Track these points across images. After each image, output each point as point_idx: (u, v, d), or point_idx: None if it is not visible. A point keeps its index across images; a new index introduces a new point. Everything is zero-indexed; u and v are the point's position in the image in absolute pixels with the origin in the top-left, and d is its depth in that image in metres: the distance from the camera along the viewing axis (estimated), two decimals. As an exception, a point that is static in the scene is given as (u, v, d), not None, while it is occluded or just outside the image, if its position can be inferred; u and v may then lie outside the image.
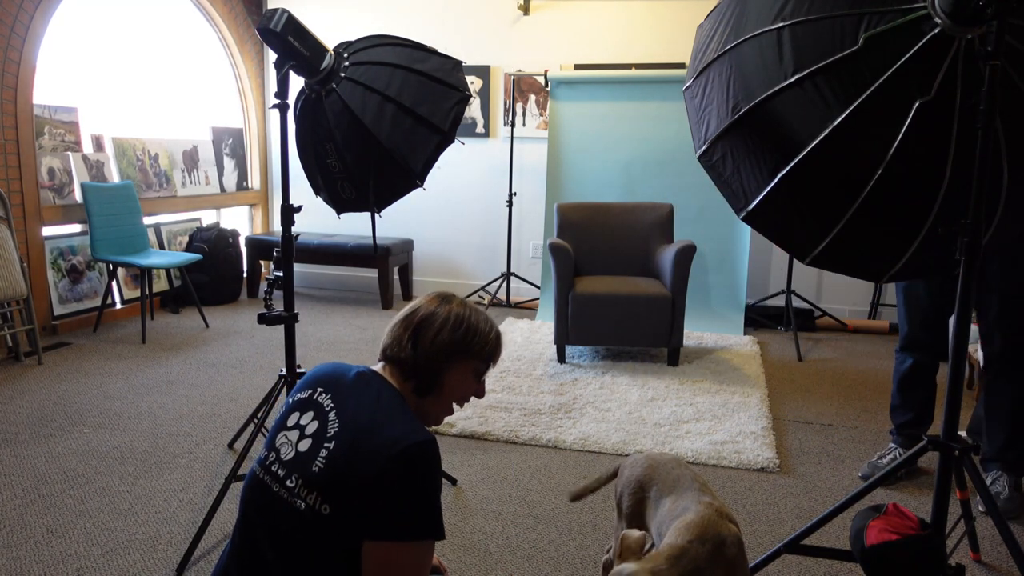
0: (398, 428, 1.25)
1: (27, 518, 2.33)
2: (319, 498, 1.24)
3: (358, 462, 1.23)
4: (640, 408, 3.37)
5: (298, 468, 1.28)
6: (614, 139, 5.14)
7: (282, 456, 1.31)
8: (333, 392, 1.35)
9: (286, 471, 1.29)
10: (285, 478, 1.29)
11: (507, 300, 5.57)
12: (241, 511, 1.35)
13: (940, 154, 1.58)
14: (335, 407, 1.32)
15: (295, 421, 1.35)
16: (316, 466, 1.26)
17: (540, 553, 2.19)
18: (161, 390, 3.54)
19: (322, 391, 1.37)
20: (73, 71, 4.75)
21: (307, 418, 1.34)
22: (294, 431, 1.34)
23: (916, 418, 2.75)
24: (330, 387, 1.37)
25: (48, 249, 4.45)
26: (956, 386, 1.72)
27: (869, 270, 1.79)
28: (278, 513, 1.28)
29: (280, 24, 2.10)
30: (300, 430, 1.33)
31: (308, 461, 1.27)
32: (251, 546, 1.31)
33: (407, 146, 2.40)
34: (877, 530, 1.71)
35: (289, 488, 1.27)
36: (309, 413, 1.34)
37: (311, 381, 1.41)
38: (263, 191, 6.32)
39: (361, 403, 1.32)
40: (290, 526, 1.26)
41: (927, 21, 1.53)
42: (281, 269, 2.35)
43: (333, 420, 1.30)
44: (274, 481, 1.30)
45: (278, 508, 1.28)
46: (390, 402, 1.32)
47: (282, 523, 1.27)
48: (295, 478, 1.27)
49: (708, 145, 1.83)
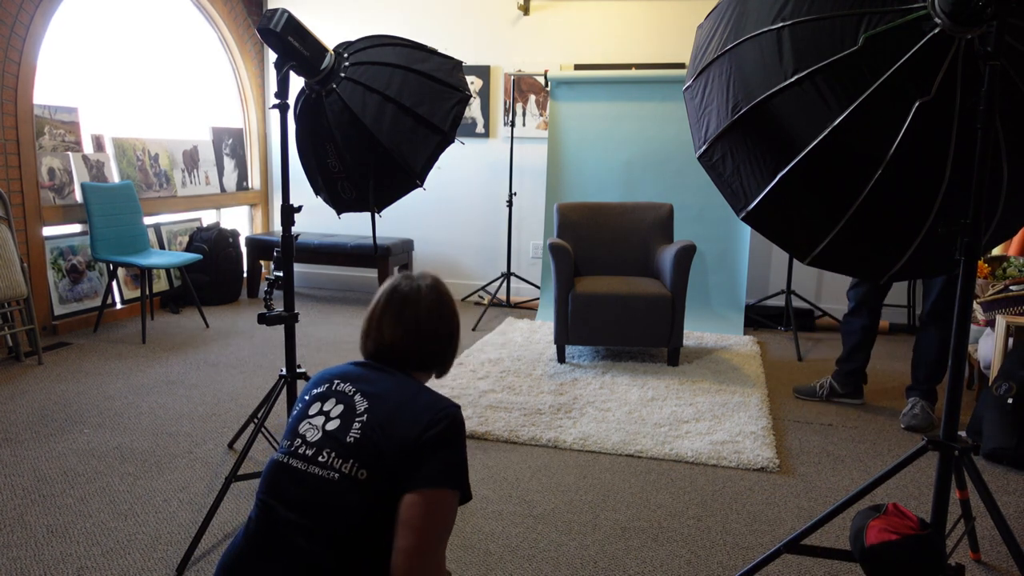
0: (432, 396, 1.37)
1: (27, 518, 2.33)
2: (355, 465, 1.30)
3: (398, 425, 1.32)
4: (640, 408, 3.37)
5: (330, 443, 1.34)
6: (614, 139, 5.14)
7: (309, 439, 1.37)
8: (352, 381, 1.42)
9: (316, 449, 1.35)
10: (316, 455, 1.33)
11: (507, 300, 5.57)
12: (261, 501, 1.36)
13: (940, 154, 1.59)
14: (358, 390, 1.39)
15: (317, 410, 1.41)
16: (351, 437, 1.33)
17: (540, 553, 2.19)
18: (161, 390, 3.54)
19: (339, 382, 1.43)
20: (73, 71, 4.75)
21: (330, 404, 1.39)
22: (318, 417, 1.40)
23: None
24: (346, 378, 1.43)
25: (48, 249, 4.45)
26: (956, 386, 1.72)
27: (869, 270, 1.79)
28: (311, 489, 1.31)
29: (280, 24, 2.10)
30: (325, 415, 1.38)
31: (341, 435, 1.34)
32: (274, 533, 1.32)
33: (407, 146, 2.40)
34: (877, 530, 1.71)
35: (322, 463, 1.32)
36: (331, 400, 1.40)
37: (324, 378, 1.46)
38: (263, 191, 6.32)
39: (384, 383, 1.40)
40: (324, 499, 1.30)
41: (927, 21, 1.53)
42: (281, 269, 2.35)
43: (360, 399, 1.37)
44: (303, 462, 1.34)
45: (310, 484, 1.32)
46: (409, 380, 1.42)
47: (315, 498, 1.31)
48: (327, 452, 1.33)
49: (708, 145, 1.83)
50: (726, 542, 2.28)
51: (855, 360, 3.49)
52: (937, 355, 3.24)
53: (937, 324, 3.21)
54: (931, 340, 3.24)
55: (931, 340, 3.24)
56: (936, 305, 3.19)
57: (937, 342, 3.22)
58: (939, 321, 3.19)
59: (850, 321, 3.47)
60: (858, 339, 3.45)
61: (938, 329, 3.21)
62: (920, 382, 3.31)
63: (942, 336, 3.21)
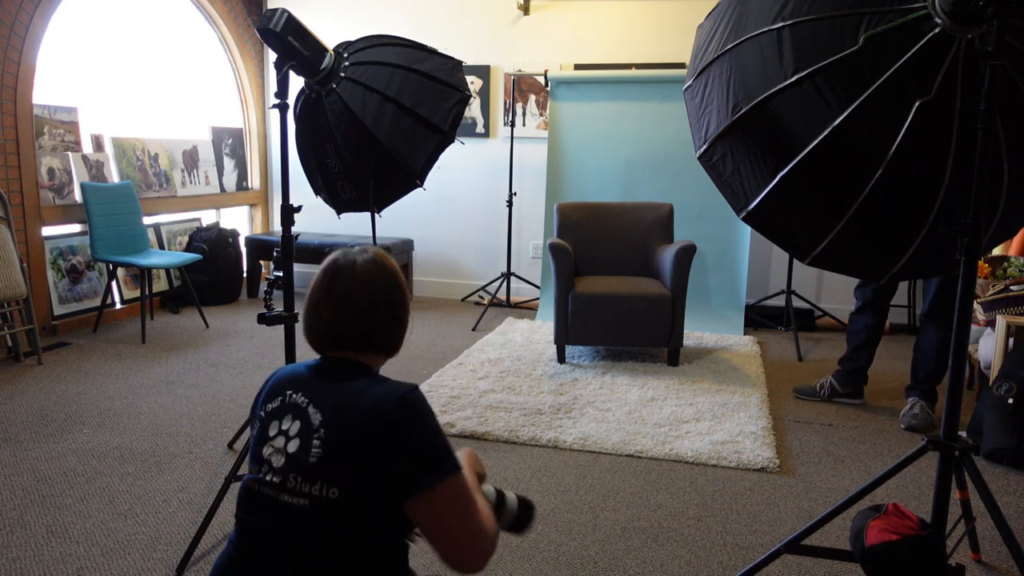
0: (383, 387, 1.28)
1: (27, 518, 2.33)
2: (324, 485, 1.23)
3: (354, 434, 1.24)
4: (640, 408, 3.37)
5: (295, 467, 1.27)
6: (614, 139, 5.14)
7: (275, 465, 1.29)
8: (303, 389, 1.34)
9: (282, 476, 1.27)
10: (283, 483, 1.27)
11: (507, 300, 5.57)
12: (240, 520, 1.32)
13: (940, 154, 1.58)
14: (310, 400, 1.31)
15: (276, 430, 1.33)
16: (313, 457, 1.25)
17: (540, 553, 2.19)
18: (161, 390, 3.54)
19: (291, 392, 1.35)
20: (73, 71, 4.74)
21: (287, 422, 1.32)
22: (279, 438, 1.31)
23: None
24: (298, 386, 1.35)
25: (48, 249, 4.45)
26: (956, 386, 1.72)
27: (869, 270, 1.79)
28: (285, 516, 1.26)
29: (280, 24, 2.10)
30: (284, 435, 1.31)
31: (303, 456, 1.27)
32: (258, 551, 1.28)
33: (407, 146, 2.40)
34: (877, 530, 1.71)
35: (290, 489, 1.26)
36: (287, 417, 1.32)
37: (275, 389, 1.38)
38: (263, 191, 6.32)
39: (335, 384, 1.32)
40: (298, 526, 1.25)
41: (927, 21, 1.53)
42: (281, 269, 2.35)
43: (314, 412, 1.29)
44: (272, 490, 1.28)
45: (283, 512, 1.26)
46: (359, 371, 1.34)
47: (290, 525, 1.26)
48: (293, 477, 1.27)
49: (708, 145, 1.83)
50: (726, 542, 2.28)
51: (858, 359, 3.49)
52: (937, 355, 3.24)
53: (936, 324, 3.20)
54: (931, 340, 3.24)
55: (931, 340, 3.24)
56: (933, 305, 3.19)
57: (937, 342, 3.22)
58: (937, 321, 3.19)
59: (856, 319, 3.47)
60: (863, 338, 3.45)
61: (937, 329, 3.21)
62: (920, 382, 3.31)
63: (942, 336, 3.20)
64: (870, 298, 3.39)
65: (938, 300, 3.17)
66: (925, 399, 3.29)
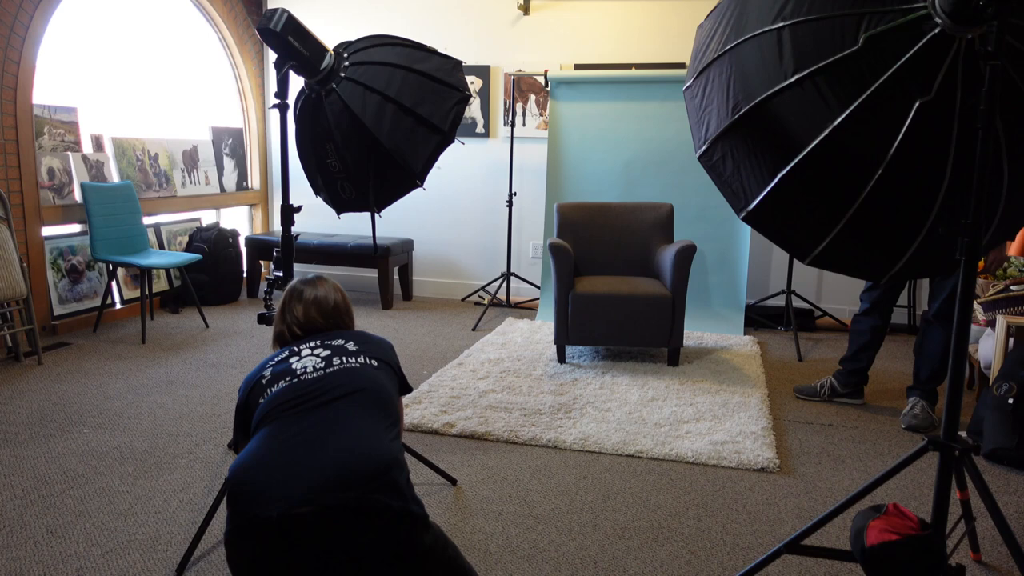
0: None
1: (27, 518, 2.33)
2: (367, 356, 1.74)
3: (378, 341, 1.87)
4: (640, 408, 3.37)
5: (336, 353, 1.71)
6: (614, 139, 5.14)
7: (311, 367, 1.67)
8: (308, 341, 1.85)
9: (326, 361, 1.68)
10: (327, 366, 1.66)
11: (507, 300, 5.57)
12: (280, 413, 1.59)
13: (940, 154, 1.58)
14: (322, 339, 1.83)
15: (306, 352, 1.74)
16: (352, 346, 1.75)
17: (540, 553, 2.19)
18: (161, 390, 3.54)
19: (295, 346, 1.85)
20: (73, 71, 4.74)
21: (307, 349, 1.76)
22: (308, 358, 1.71)
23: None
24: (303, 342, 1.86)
25: (48, 249, 4.45)
26: (956, 386, 1.72)
27: (869, 270, 1.79)
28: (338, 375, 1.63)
29: (280, 24, 2.10)
30: (312, 353, 1.73)
31: (342, 350, 1.73)
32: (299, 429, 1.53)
33: (407, 146, 2.40)
34: (877, 530, 1.71)
35: (337, 364, 1.66)
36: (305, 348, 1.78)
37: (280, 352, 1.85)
38: (263, 191, 6.32)
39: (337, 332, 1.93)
40: (356, 376, 1.64)
41: (927, 21, 1.53)
42: (281, 269, 2.35)
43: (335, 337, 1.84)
44: (319, 371, 1.64)
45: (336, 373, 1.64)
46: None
47: (347, 377, 1.63)
48: (338, 359, 1.69)
49: (708, 145, 1.83)
50: (726, 542, 2.28)
51: (860, 359, 3.49)
52: (943, 355, 3.24)
53: (944, 324, 3.20)
54: (937, 340, 3.24)
55: (937, 340, 3.24)
56: (944, 306, 3.17)
57: (944, 342, 3.22)
58: (945, 321, 3.19)
59: (861, 320, 3.47)
60: (867, 339, 3.44)
61: (944, 329, 3.20)
62: (922, 382, 3.31)
63: (949, 337, 3.20)
64: (878, 300, 3.40)
65: (948, 302, 3.16)
66: (926, 399, 3.30)
